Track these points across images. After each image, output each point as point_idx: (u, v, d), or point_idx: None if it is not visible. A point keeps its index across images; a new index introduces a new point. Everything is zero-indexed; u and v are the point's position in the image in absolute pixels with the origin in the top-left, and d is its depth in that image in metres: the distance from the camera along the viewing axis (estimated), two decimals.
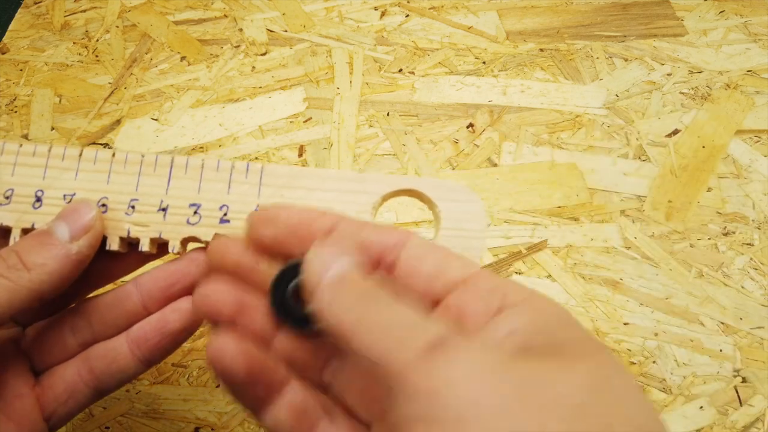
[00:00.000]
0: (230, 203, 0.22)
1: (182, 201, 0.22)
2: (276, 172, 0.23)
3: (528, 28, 0.46)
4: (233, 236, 0.21)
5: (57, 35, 0.46)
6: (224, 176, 0.22)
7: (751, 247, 0.35)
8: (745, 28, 0.45)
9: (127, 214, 0.22)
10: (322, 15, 0.47)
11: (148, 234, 0.22)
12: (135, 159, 0.23)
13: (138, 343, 0.22)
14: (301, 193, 0.22)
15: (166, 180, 0.22)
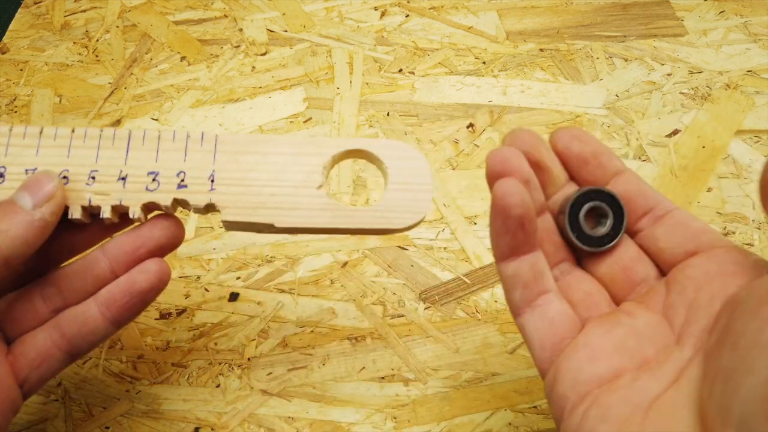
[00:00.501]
0: (187, 170, 0.23)
1: (141, 170, 0.23)
2: (230, 140, 0.24)
3: (528, 28, 0.46)
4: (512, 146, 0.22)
5: (57, 35, 0.46)
6: (180, 146, 0.24)
7: (751, 248, 0.35)
8: (745, 28, 0.45)
9: (87, 184, 0.23)
10: (322, 15, 0.47)
11: (109, 202, 0.23)
12: (94, 134, 0.24)
13: (107, 305, 0.23)
14: (256, 157, 0.24)
15: (124, 152, 0.23)
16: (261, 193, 0.23)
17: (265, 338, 0.33)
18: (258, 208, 0.23)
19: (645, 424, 0.17)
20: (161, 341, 0.33)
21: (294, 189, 0.24)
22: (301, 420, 0.30)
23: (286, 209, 0.23)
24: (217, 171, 0.23)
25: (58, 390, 0.31)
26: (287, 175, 0.24)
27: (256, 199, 0.23)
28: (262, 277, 0.35)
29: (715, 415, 0.15)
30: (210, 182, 0.23)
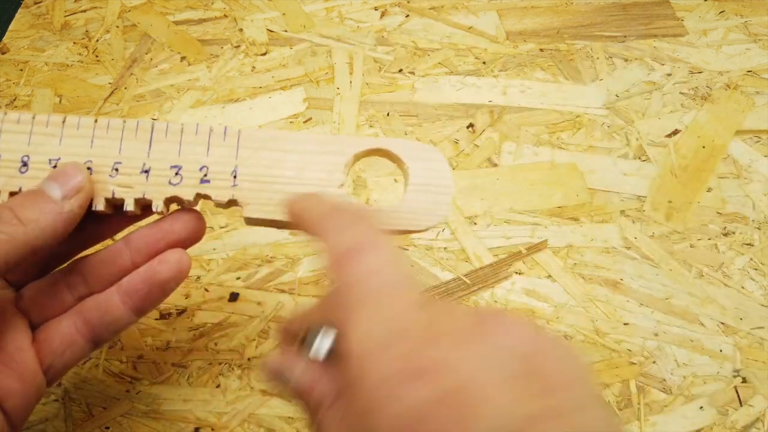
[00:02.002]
0: (209, 164, 0.23)
1: (164, 163, 0.23)
2: (253, 136, 0.24)
3: (528, 29, 0.46)
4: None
5: (57, 35, 0.46)
6: (203, 139, 0.24)
7: (751, 248, 0.35)
8: (745, 28, 0.45)
9: (111, 176, 0.23)
10: (322, 15, 0.47)
11: (132, 195, 0.23)
12: (117, 125, 0.24)
13: (129, 294, 0.24)
14: (277, 154, 0.24)
15: (147, 144, 0.23)
16: (282, 190, 0.23)
17: (265, 338, 0.33)
18: (279, 206, 0.23)
19: None
20: (161, 341, 0.33)
21: (315, 187, 0.23)
22: (301, 420, 0.30)
23: None
24: (240, 166, 0.23)
25: (58, 390, 0.31)
26: (308, 173, 0.24)
27: (278, 197, 0.23)
28: (263, 277, 0.35)
29: None
30: (233, 178, 0.23)
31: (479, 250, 0.36)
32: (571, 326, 0.33)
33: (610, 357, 0.32)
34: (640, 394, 0.31)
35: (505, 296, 0.34)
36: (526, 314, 0.34)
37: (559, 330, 0.33)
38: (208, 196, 0.23)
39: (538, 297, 0.34)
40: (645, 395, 0.31)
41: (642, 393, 0.31)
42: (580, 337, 0.33)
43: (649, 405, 0.31)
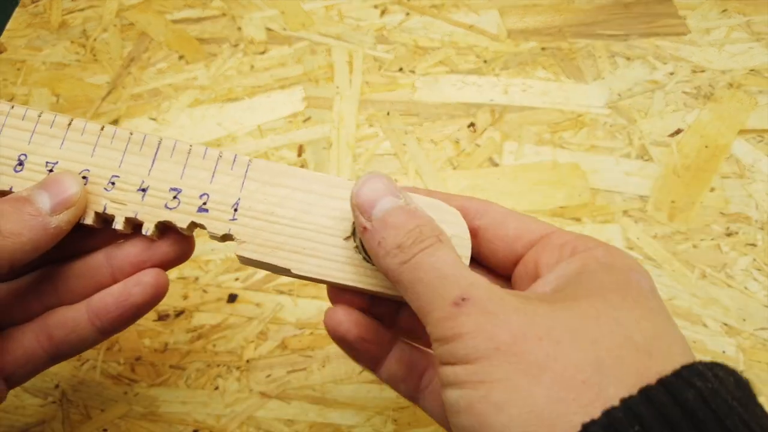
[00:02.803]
0: (211, 193, 0.22)
1: (163, 184, 0.22)
2: (262, 168, 0.22)
3: (530, 27, 0.46)
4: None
5: (54, 34, 0.46)
6: (210, 165, 0.22)
7: (754, 248, 0.35)
8: (748, 27, 0.45)
9: (106, 189, 0.22)
10: (322, 13, 0.46)
11: (123, 213, 0.22)
12: (123, 135, 0.22)
13: (98, 315, 0.22)
14: (284, 192, 0.22)
15: (150, 160, 0.22)
16: (282, 232, 0.22)
17: (264, 340, 0.32)
18: (277, 249, 0.22)
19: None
20: (159, 343, 0.32)
21: (316, 234, 0.22)
22: (300, 422, 0.30)
23: (305, 255, 0.22)
24: (243, 200, 0.22)
25: (55, 392, 0.31)
26: (311, 217, 0.22)
27: (276, 238, 0.22)
28: (261, 278, 0.34)
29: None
30: (233, 211, 0.22)
31: None
32: None
33: None
34: None
35: None
36: None
37: None
38: (203, 226, 0.22)
39: None
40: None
41: None
42: None
43: None
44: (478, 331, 0.16)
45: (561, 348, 0.16)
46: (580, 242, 0.20)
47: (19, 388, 0.31)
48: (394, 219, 0.19)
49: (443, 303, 0.17)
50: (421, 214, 0.19)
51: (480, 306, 0.17)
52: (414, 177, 0.38)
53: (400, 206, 0.19)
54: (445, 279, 0.18)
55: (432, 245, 0.18)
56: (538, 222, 0.22)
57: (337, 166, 0.39)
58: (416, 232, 0.19)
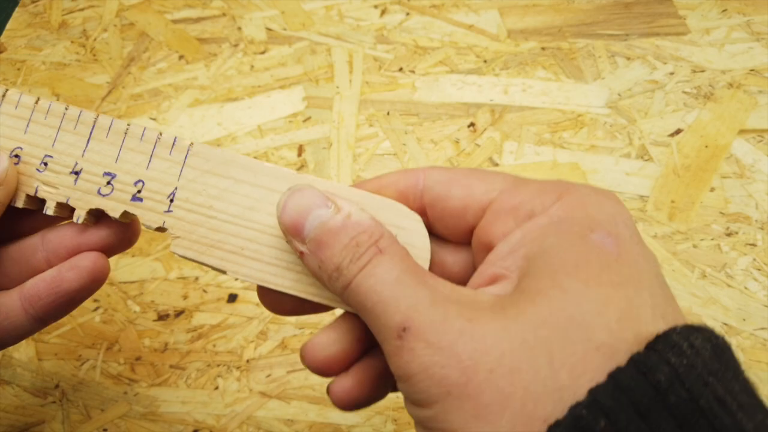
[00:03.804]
0: (147, 180, 0.20)
1: (97, 167, 0.20)
2: (205, 154, 0.20)
3: (529, 27, 0.46)
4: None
5: (55, 34, 0.46)
6: (147, 148, 0.20)
7: (754, 248, 0.35)
8: (748, 26, 0.45)
9: (38, 170, 0.20)
10: (322, 13, 0.46)
11: (55, 197, 0.20)
12: (58, 110, 0.21)
13: (31, 301, 0.21)
14: (226, 183, 0.20)
15: (85, 140, 0.20)
16: (221, 229, 0.20)
17: (264, 340, 0.32)
18: (213, 248, 0.20)
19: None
20: (159, 343, 0.32)
21: (259, 234, 0.20)
22: (300, 422, 0.30)
23: (245, 257, 0.20)
24: (180, 189, 0.20)
25: (55, 392, 0.31)
26: (257, 215, 0.20)
27: (214, 236, 0.20)
28: None
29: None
30: (168, 201, 0.20)
31: None
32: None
33: None
34: None
35: None
36: None
37: None
38: (136, 216, 0.20)
39: None
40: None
41: None
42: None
43: None
44: (425, 373, 0.15)
45: (517, 378, 0.14)
46: (536, 201, 0.17)
47: (19, 388, 0.31)
48: (326, 236, 0.17)
49: (388, 335, 0.16)
50: (356, 220, 0.17)
51: (422, 337, 0.15)
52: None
53: (331, 219, 0.17)
54: (385, 305, 0.16)
55: (370, 261, 0.16)
56: (485, 180, 0.19)
57: (337, 166, 0.39)
58: (352, 246, 0.17)
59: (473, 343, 0.15)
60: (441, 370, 0.15)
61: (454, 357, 0.15)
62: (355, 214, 0.18)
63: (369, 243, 0.17)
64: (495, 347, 0.15)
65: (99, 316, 0.33)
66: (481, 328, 0.15)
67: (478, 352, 0.15)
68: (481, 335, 0.15)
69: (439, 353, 0.15)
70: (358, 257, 0.17)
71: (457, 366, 0.15)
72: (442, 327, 0.15)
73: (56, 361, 0.32)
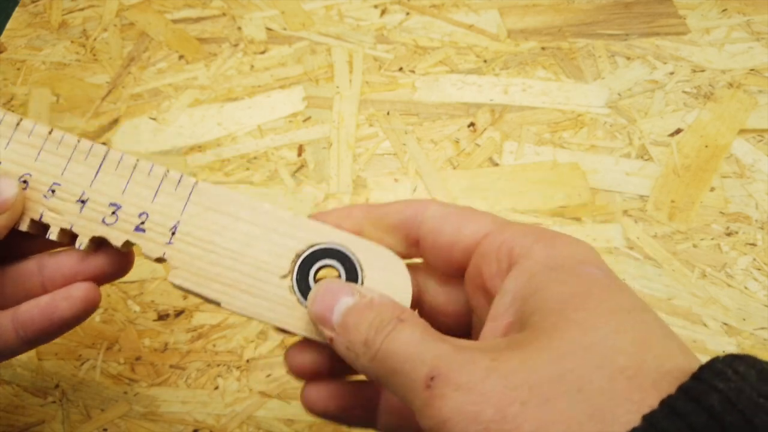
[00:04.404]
0: (151, 212, 0.21)
1: (104, 197, 0.21)
2: (207, 192, 0.21)
3: (529, 27, 0.46)
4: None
5: (55, 34, 0.46)
6: (154, 183, 0.21)
7: (754, 248, 0.35)
8: (748, 26, 0.45)
9: (45, 196, 0.21)
10: (322, 13, 0.46)
11: (59, 223, 0.21)
12: (70, 142, 0.22)
13: (24, 326, 0.21)
14: (226, 221, 0.21)
15: (94, 171, 0.21)
16: (219, 263, 0.21)
17: (264, 340, 0.32)
18: (210, 280, 0.21)
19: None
20: (159, 343, 0.32)
21: (254, 269, 0.21)
22: (300, 422, 0.30)
23: (239, 290, 0.21)
24: (182, 224, 0.21)
25: (56, 392, 0.31)
26: (252, 251, 0.21)
27: (211, 269, 0.21)
28: None
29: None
30: (170, 234, 0.21)
31: None
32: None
33: None
34: None
35: None
36: None
37: None
38: (137, 246, 0.21)
39: None
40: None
41: None
42: None
43: None
44: (459, 415, 0.15)
45: (551, 407, 0.15)
46: (516, 242, 0.18)
47: (19, 388, 0.31)
48: (354, 318, 0.18)
49: (417, 389, 0.16)
50: (379, 301, 0.19)
51: (451, 381, 0.16)
52: (414, 177, 0.38)
53: (357, 303, 0.19)
54: (412, 361, 0.17)
55: (394, 328, 0.17)
56: (474, 220, 0.20)
57: (337, 165, 0.39)
58: (377, 322, 0.18)
59: (501, 379, 0.15)
60: (474, 408, 0.15)
61: (485, 395, 0.15)
62: (378, 298, 0.19)
63: (392, 317, 0.18)
64: (523, 381, 0.15)
65: (99, 315, 0.33)
66: (506, 364, 0.16)
67: (507, 387, 0.15)
68: (507, 372, 0.15)
69: (470, 393, 0.15)
70: (383, 328, 0.18)
71: (489, 403, 0.15)
72: (468, 369, 0.16)
73: (56, 361, 0.32)
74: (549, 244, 0.18)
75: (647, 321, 0.16)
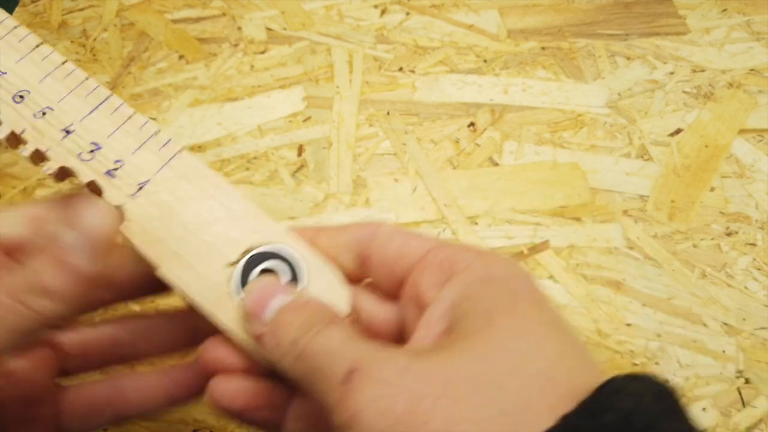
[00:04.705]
0: (127, 162, 0.21)
1: (89, 135, 0.21)
2: (189, 162, 0.21)
3: (529, 27, 0.46)
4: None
5: (54, 34, 0.46)
6: (142, 136, 0.21)
7: (754, 248, 0.35)
8: (748, 26, 0.45)
9: (34, 116, 0.21)
10: (322, 13, 0.47)
11: (37, 143, 0.21)
12: (79, 77, 0.22)
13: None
14: (195, 193, 0.21)
15: (90, 109, 0.21)
16: (172, 230, 0.21)
17: None
18: (158, 242, 0.21)
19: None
20: None
21: (204, 248, 0.21)
22: None
23: (182, 262, 0.21)
24: (152, 183, 0.21)
25: None
26: (208, 230, 0.21)
27: (163, 233, 0.21)
28: None
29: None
30: (137, 188, 0.21)
31: None
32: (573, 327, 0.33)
33: (612, 358, 0.32)
34: None
35: None
36: None
37: None
38: (100, 189, 0.21)
39: None
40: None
41: None
42: (582, 338, 0.32)
43: None
44: (371, 407, 0.15)
45: (463, 406, 0.15)
46: (458, 257, 0.19)
47: None
48: (286, 316, 0.18)
49: (335, 384, 0.16)
50: (314, 304, 0.19)
51: (368, 376, 0.16)
52: (414, 177, 0.38)
53: (291, 302, 0.19)
54: (333, 357, 0.17)
55: (322, 329, 0.18)
56: (421, 238, 0.20)
57: (337, 165, 0.39)
58: (308, 323, 0.18)
59: (418, 375, 0.16)
60: (387, 401, 0.15)
61: (399, 389, 0.15)
62: (313, 301, 0.19)
63: (323, 319, 0.18)
64: (439, 379, 0.16)
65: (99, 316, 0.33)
66: (425, 363, 0.16)
67: (422, 383, 0.15)
68: (425, 369, 0.16)
69: (385, 387, 0.16)
70: (312, 328, 0.18)
71: (402, 397, 0.15)
72: (387, 364, 0.16)
73: None
74: (487, 262, 0.19)
75: (567, 338, 0.17)
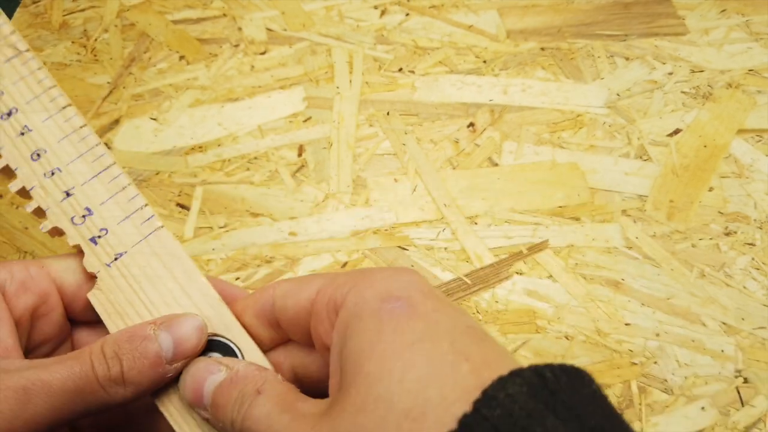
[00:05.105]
0: (111, 232, 0.22)
1: (85, 200, 0.22)
2: (164, 240, 0.22)
3: (529, 27, 0.46)
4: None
5: (55, 34, 0.46)
6: (129, 208, 0.22)
7: (753, 247, 0.35)
8: (747, 27, 0.45)
9: (45, 175, 0.22)
10: (322, 14, 0.47)
11: (40, 202, 0.22)
12: (91, 141, 0.23)
13: None
14: (162, 273, 0.22)
15: (92, 176, 0.23)
16: (134, 306, 0.22)
17: None
18: (119, 315, 0.21)
19: None
20: None
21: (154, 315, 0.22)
22: None
23: None
24: (127, 255, 0.22)
25: None
26: (167, 311, 0.22)
27: (125, 308, 0.22)
28: (262, 277, 0.35)
29: None
30: (114, 259, 0.22)
31: (480, 250, 0.35)
32: (573, 327, 0.33)
33: (611, 357, 0.32)
34: (642, 394, 0.31)
35: (505, 296, 0.34)
36: (526, 315, 0.33)
37: (560, 330, 0.33)
38: (83, 253, 0.22)
39: (539, 297, 0.34)
40: (646, 396, 0.31)
41: (643, 393, 0.31)
42: (582, 338, 0.33)
43: (651, 405, 0.31)
44: None
45: None
46: (338, 293, 0.19)
47: None
48: (220, 398, 0.19)
49: None
50: (243, 372, 0.19)
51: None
52: (414, 177, 0.38)
53: (222, 381, 0.19)
54: (263, 430, 0.18)
55: (251, 404, 0.18)
56: (310, 282, 0.20)
57: (337, 166, 0.39)
58: (239, 399, 0.18)
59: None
60: None
61: None
62: (242, 369, 0.19)
63: (251, 391, 0.18)
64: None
65: None
66: (324, 425, 0.17)
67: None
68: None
69: None
70: (243, 403, 0.18)
71: None
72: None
73: None
74: (361, 288, 0.18)
75: (436, 349, 0.17)
